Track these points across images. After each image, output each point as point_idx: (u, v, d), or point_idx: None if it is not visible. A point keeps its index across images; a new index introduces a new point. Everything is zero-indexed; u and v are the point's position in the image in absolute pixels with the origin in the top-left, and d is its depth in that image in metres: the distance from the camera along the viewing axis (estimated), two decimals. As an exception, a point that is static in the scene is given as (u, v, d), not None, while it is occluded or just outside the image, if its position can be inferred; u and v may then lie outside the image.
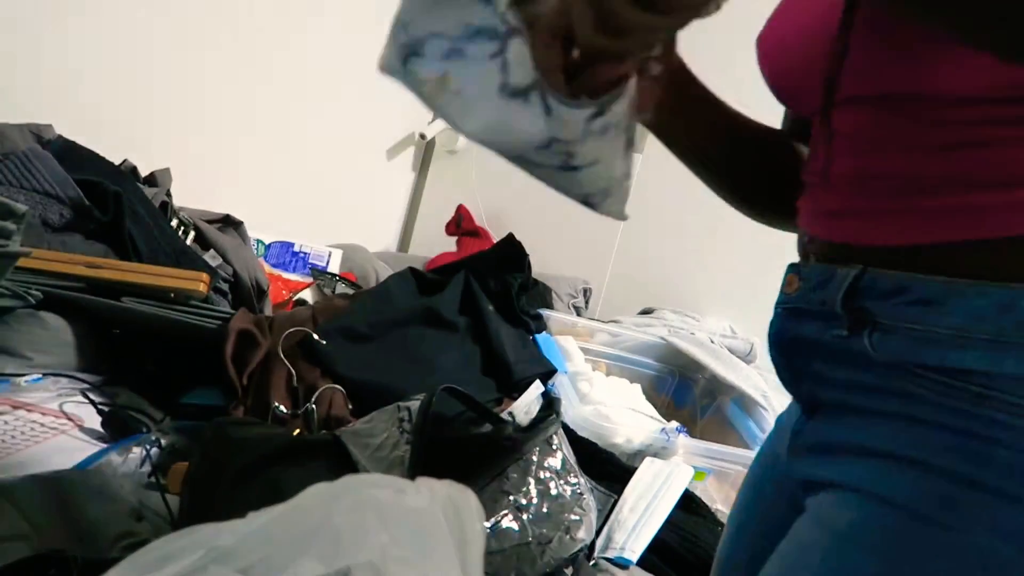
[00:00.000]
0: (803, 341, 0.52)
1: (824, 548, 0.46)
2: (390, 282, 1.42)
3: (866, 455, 0.46)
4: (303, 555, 0.37)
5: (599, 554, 0.89)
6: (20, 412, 0.87)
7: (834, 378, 0.50)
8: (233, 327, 1.03)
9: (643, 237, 2.14)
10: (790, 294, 0.53)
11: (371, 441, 0.87)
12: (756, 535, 0.61)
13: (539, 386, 1.19)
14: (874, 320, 0.46)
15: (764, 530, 0.59)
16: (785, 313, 0.54)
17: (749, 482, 0.66)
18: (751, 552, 0.60)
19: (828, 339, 0.49)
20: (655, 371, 1.62)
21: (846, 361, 0.48)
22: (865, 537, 0.44)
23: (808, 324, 0.51)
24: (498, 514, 0.75)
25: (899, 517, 0.43)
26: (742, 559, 0.62)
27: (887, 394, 0.46)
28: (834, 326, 0.48)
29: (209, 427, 0.85)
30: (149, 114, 1.52)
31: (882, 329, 0.45)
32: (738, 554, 0.63)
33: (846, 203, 0.50)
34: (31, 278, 0.97)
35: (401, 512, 0.40)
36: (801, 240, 0.56)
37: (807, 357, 0.52)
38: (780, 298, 0.55)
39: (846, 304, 0.47)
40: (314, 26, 1.87)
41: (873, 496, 0.45)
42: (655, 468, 1.04)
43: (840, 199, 0.50)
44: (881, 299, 0.45)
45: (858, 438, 0.48)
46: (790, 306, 0.53)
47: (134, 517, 0.71)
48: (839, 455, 0.49)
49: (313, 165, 2.02)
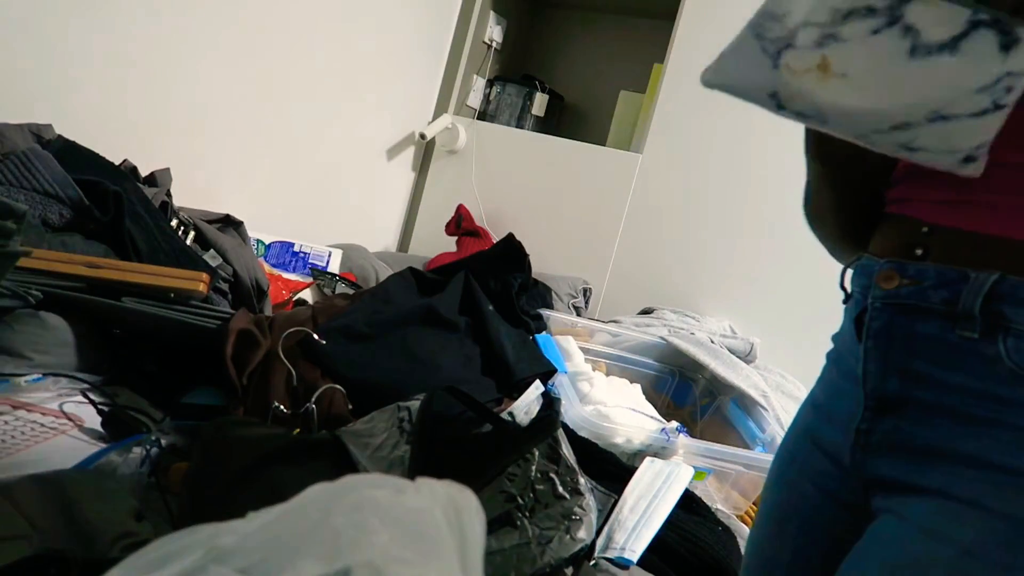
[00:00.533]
0: (915, 338, 0.51)
1: (948, 564, 0.45)
2: (390, 282, 1.42)
3: (981, 467, 0.46)
4: (303, 555, 0.37)
5: (599, 554, 0.89)
6: (20, 412, 0.87)
7: (943, 380, 0.49)
8: (233, 327, 1.03)
9: (643, 237, 2.14)
10: (890, 289, 0.52)
11: (371, 441, 0.87)
12: (796, 534, 0.61)
13: (539, 386, 1.19)
14: (1008, 325, 0.45)
15: (806, 528, 0.60)
16: (890, 308, 0.53)
17: (780, 480, 0.65)
18: (793, 550, 0.61)
19: (952, 339, 0.48)
20: (655, 371, 1.62)
21: (967, 365, 0.48)
22: (993, 554, 0.43)
23: (925, 322, 0.50)
24: (498, 514, 0.75)
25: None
26: (785, 559, 0.62)
27: (1011, 405, 0.45)
28: (963, 327, 0.48)
29: (209, 427, 0.85)
30: (149, 114, 1.52)
31: (1016, 335, 0.45)
32: (782, 554, 0.63)
33: (994, 195, 0.48)
34: (31, 278, 0.97)
35: (401, 512, 0.40)
36: (907, 233, 0.54)
37: (911, 355, 0.51)
38: (877, 292, 0.54)
39: (984, 307, 0.46)
40: (314, 26, 1.87)
41: (996, 513, 0.44)
42: (655, 468, 1.04)
43: (992, 190, 0.48)
44: (1020, 306, 0.45)
45: (968, 447, 0.47)
46: (896, 302, 0.52)
47: (134, 517, 0.71)
48: (938, 461, 0.48)
49: (313, 165, 2.02)
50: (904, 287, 0.51)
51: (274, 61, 1.79)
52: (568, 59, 2.75)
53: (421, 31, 2.27)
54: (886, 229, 0.57)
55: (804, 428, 0.64)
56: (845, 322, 0.60)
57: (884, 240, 0.57)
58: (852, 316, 0.57)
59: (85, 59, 1.36)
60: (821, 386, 0.64)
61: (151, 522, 0.73)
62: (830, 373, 0.63)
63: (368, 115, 2.17)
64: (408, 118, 2.34)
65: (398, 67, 2.22)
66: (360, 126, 2.16)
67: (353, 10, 1.97)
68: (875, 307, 0.53)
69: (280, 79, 1.82)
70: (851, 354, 0.57)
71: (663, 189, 2.11)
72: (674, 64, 2.10)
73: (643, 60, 2.37)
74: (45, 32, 1.28)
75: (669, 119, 2.10)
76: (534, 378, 1.22)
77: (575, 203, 2.23)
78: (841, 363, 0.60)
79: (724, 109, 2.14)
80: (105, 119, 1.42)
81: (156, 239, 1.23)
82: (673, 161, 2.09)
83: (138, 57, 1.46)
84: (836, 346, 0.63)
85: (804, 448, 0.62)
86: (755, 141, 1.97)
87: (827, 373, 0.63)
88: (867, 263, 0.56)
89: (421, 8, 2.24)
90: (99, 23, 1.37)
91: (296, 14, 1.80)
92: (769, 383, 1.57)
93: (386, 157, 2.31)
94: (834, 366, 0.62)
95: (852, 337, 0.57)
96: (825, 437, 0.59)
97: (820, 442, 0.60)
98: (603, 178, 2.19)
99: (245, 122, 1.77)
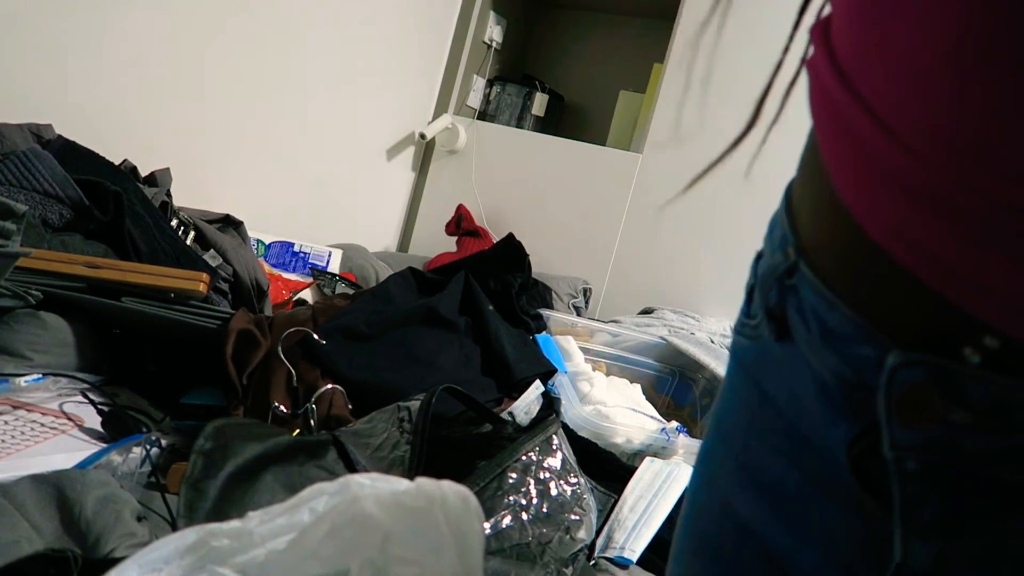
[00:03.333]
0: (1008, 533, 0.29)
1: None
2: (390, 282, 1.42)
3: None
4: (303, 555, 0.37)
5: (599, 554, 0.89)
6: (20, 412, 0.87)
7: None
8: (233, 327, 1.03)
9: (643, 237, 2.14)
10: (932, 432, 0.27)
11: (371, 441, 0.87)
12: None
13: (539, 386, 1.19)
14: None
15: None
16: (945, 473, 0.27)
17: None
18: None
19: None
20: (655, 371, 1.62)
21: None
22: None
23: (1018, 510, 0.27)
24: (498, 514, 0.75)
25: None
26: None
27: None
28: None
29: (209, 427, 0.85)
30: (149, 114, 1.52)
31: None
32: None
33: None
34: (31, 278, 0.97)
35: (401, 512, 0.40)
36: (946, 323, 0.29)
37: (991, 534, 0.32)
38: (903, 436, 0.29)
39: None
40: (314, 26, 1.87)
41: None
42: (655, 468, 1.04)
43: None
44: None
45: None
46: (950, 457, 0.27)
47: (134, 517, 0.71)
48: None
49: (313, 165, 2.02)
50: (962, 432, 0.26)
51: (274, 61, 1.79)
52: (568, 59, 2.75)
53: (421, 31, 2.27)
54: (888, 286, 0.28)
55: (730, 509, 0.39)
56: (793, 379, 0.34)
57: (886, 296, 0.29)
58: (828, 413, 0.32)
59: (85, 59, 1.36)
60: (746, 434, 0.38)
61: (151, 522, 0.73)
62: (764, 428, 0.37)
63: (368, 115, 2.17)
64: (408, 118, 2.34)
65: (398, 67, 2.22)
66: (360, 126, 2.16)
67: (353, 10, 1.97)
68: (907, 469, 0.28)
69: (280, 79, 1.82)
70: (830, 465, 0.32)
71: (663, 189, 2.11)
72: (674, 64, 2.10)
73: (643, 60, 2.37)
74: (45, 32, 1.28)
75: (669, 119, 2.10)
76: (534, 378, 1.22)
77: (575, 203, 2.23)
78: (807, 454, 0.34)
79: (724, 109, 2.14)
80: (105, 119, 1.42)
81: (156, 239, 1.23)
82: (673, 161, 2.09)
83: (138, 57, 1.46)
84: (776, 394, 0.36)
85: (741, 550, 0.38)
86: (755, 141, 1.96)
87: (755, 422, 0.38)
88: (844, 331, 0.30)
89: (421, 8, 2.24)
90: (99, 23, 1.37)
91: (296, 14, 1.80)
92: (769, 383, 1.57)
93: (386, 157, 2.31)
94: (777, 422, 0.36)
95: (833, 441, 0.32)
96: (786, 559, 0.35)
97: (775, 558, 0.36)
98: (603, 178, 2.19)
99: (245, 122, 1.77)
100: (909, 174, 0.26)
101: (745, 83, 1.51)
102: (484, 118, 2.51)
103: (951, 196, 0.25)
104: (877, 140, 0.27)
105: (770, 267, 0.35)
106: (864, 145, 0.28)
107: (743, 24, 1.94)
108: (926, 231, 0.26)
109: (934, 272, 0.26)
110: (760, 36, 2.04)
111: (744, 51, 2.07)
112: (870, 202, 0.29)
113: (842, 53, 0.30)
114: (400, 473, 0.81)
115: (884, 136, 0.27)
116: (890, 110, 0.27)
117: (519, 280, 1.54)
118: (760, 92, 0.46)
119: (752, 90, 0.46)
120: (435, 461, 0.82)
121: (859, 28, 0.29)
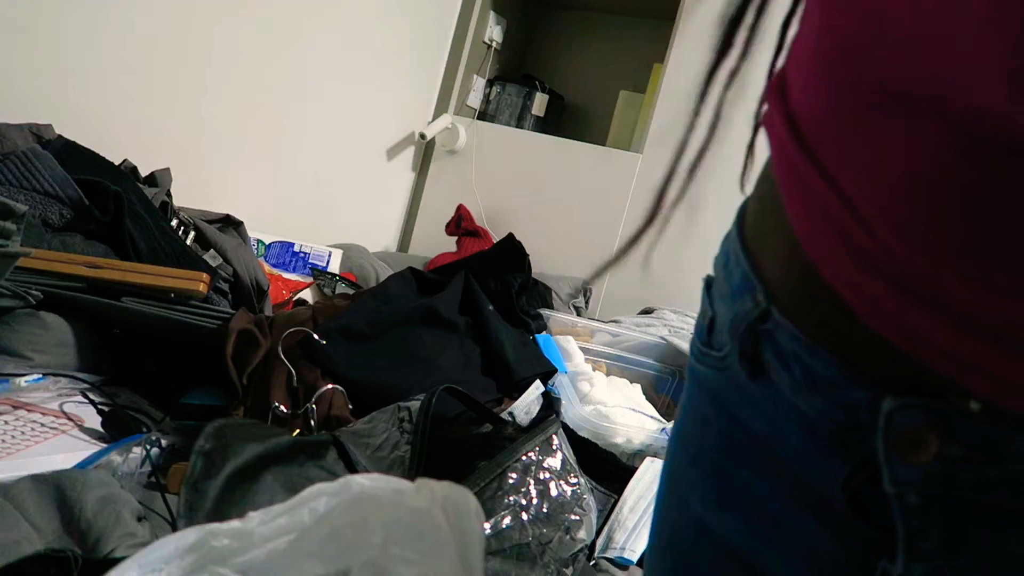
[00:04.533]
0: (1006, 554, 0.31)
1: None
2: (390, 282, 1.42)
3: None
4: (304, 555, 0.37)
5: (599, 554, 0.89)
6: (20, 412, 0.87)
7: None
8: (233, 327, 1.03)
9: (643, 237, 2.14)
10: (929, 465, 0.25)
11: (371, 441, 0.87)
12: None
13: (539, 386, 1.19)
14: None
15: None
16: (947, 505, 0.30)
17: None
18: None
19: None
20: (655, 371, 1.62)
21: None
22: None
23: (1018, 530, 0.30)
24: (498, 514, 0.75)
25: None
26: None
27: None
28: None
29: (209, 427, 0.85)
30: (149, 114, 1.52)
31: None
32: None
33: None
34: (31, 278, 0.97)
35: (401, 512, 0.40)
36: (932, 381, 0.29)
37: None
38: (903, 472, 0.29)
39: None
40: (314, 26, 1.87)
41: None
42: (655, 468, 1.04)
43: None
44: None
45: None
46: (950, 492, 0.29)
47: (134, 517, 0.71)
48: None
49: (313, 165, 2.02)
50: (958, 465, 0.28)
51: (274, 61, 1.79)
52: (568, 59, 2.75)
53: (421, 31, 2.27)
54: (870, 342, 0.29)
55: (705, 527, 0.39)
56: (774, 415, 0.34)
57: (868, 344, 0.29)
58: (816, 452, 0.32)
59: (85, 59, 1.36)
60: (721, 459, 0.38)
61: (151, 522, 0.73)
62: (742, 454, 0.37)
63: (368, 115, 2.18)
64: (408, 118, 2.34)
65: (398, 67, 2.22)
66: (360, 126, 2.16)
67: (353, 10, 1.97)
68: (909, 503, 0.29)
69: (280, 79, 1.82)
70: (818, 494, 0.33)
71: (663, 189, 2.11)
72: (674, 64, 2.10)
73: (643, 60, 2.37)
74: (45, 32, 1.28)
75: (669, 119, 2.10)
76: (534, 378, 1.22)
77: (575, 203, 2.23)
78: (790, 482, 0.34)
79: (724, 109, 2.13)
80: (105, 119, 1.42)
81: (156, 239, 1.23)
82: (673, 161, 2.08)
83: (138, 57, 1.46)
84: (753, 426, 0.36)
85: (720, 565, 0.38)
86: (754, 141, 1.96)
87: (730, 448, 0.37)
88: (829, 376, 0.30)
89: (421, 8, 2.24)
90: (99, 23, 1.37)
91: (296, 14, 1.80)
92: (769, 383, 1.57)
93: (386, 157, 2.31)
94: (756, 450, 0.36)
95: (820, 478, 0.32)
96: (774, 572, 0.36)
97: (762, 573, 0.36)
98: (603, 178, 2.19)
99: (245, 122, 1.77)
100: (868, 251, 0.27)
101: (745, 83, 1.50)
102: (484, 118, 2.51)
103: (904, 279, 0.26)
104: (839, 211, 0.28)
105: (739, 312, 0.35)
106: (827, 212, 0.29)
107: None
108: (891, 303, 0.27)
109: (910, 343, 0.27)
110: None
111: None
112: (831, 260, 0.29)
113: (802, 116, 0.31)
114: (400, 473, 0.82)
115: (845, 209, 0.28)
116: (852, 189, 0.28)
117: (519, 280, 1.54)
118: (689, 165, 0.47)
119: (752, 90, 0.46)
120: (435, 461, 0.82)
121: (820, 111, 0.30)
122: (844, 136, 0.28)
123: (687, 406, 0.42)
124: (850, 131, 0.28)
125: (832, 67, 0.29)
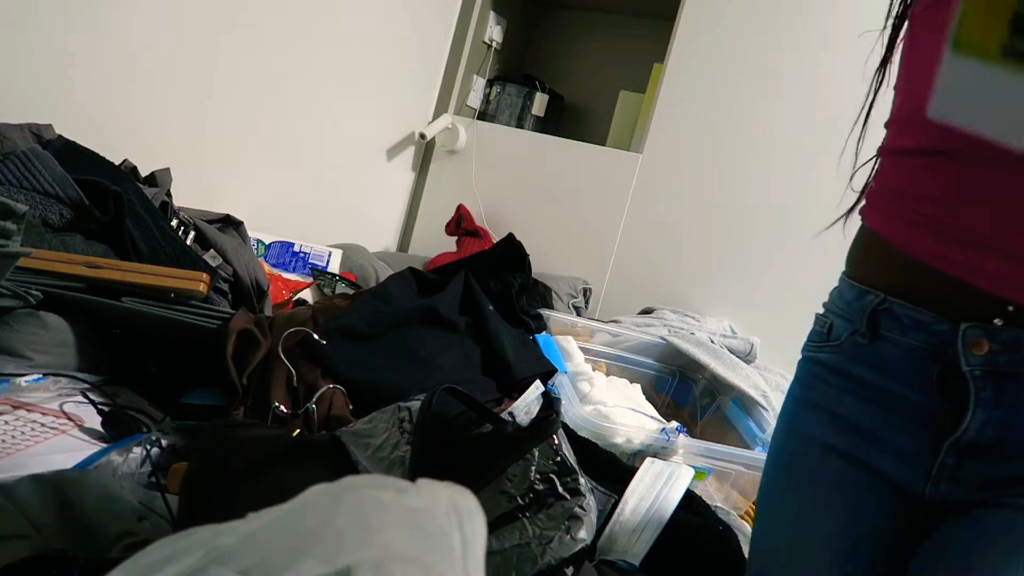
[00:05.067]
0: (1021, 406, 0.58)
1: None
2: (390, 282, 1.42)
3: None
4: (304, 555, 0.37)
5: (600, 556, 0.89)
6: (20, 412, 0.87)
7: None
8: (233, 327, 1.03)
9: (643, 237, 2.14)
10: (984, 355, 0.57)
11: (371, 441, 0.87)
12: (850, 538, 0.65)
13: (539, 386, 1.19)
14: None
15: (861, 533, 0.64)
16: (993, 376, 0.58)
17: (837, 481, 0.67)
18: (848, 551, 0.64)
19: None
20: (655, 371, 1.62)
21: None
22: None
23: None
24: (498, 514, 0.75)
25: None
26: (837, 561, 0.64)
27: None
28: None
29: (209, 427, 0.85)
30: (149, 114, 1.52)
31: None
32: (844, 560, 0.65)
33: None
34: (31, 278, 0.97)
35: (402, 512, 0.40)
36: (986, 307, 0.58)
37: (1016, 415, 0.58)
38: (973, 359, 0.58)
39: None
40: (314, 26, 1.87)
41: None
42: (656, 469, 1.04)
43: None
44: None
45: None
46: (995, 369, 0.57)
47: (135, 517, 0.71)
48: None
49: (313, 165, 2.02)
50: (999, 355, 0.56)
51: (274, 61, 1.79)
52: (568, 59, 2.75)
53: (421, 31, 2.27)
54: (946, 290, 0.58)
55: (827, 444, 0.66)
56: (885, 358, 0.63)
57: (945, 301, 0.59)
58: (916, 366, 0.60)
59: (85, 59, 1.36)
60: (839, 400, 0.66)
61: (151, 522, 0.73)
62: (855, 395, 0.65)
63: (368, 115, 2.17)
64: (408, 118, 2.34)
65: (398, 67, 2.22)
66: (360, 126, 2.16)
67: (353, 10, 1.97)
68: (976, 375, 0.57)
69: (280, 79, 1.82)
70: (911, 398, 0.61)
71: (663, 189, 2.11)
72: (674, 64, 2.10)
73: (643, 60, 2.37)
74: (45, 32, 1.28)
75: (669, 119, 2.10)
76: (534, 378, 1.22)
77: (575, 203, 2.23)
78: (889, 401, 0.63)
79: (724, 109, 2.14)
80: (105, 119, 1.42)
81: (156, 239, 1.23)
82: (673, 161, 2.09)
83: (138, 57, 1.46)
84: (864, 375, 0.65)
85: (836, 466, 0.66)
86: (755, 141, 1.97)
87: (846, 392, 0.66)
88: (927, 320, 0.59)
89: (421, 8, 2.24)
90: (99, 23, 1.37)
91: (296, 14, 1.80)
92: (769, 383, 1.57)
93: (386, 157, 2.31)
94: (864, 391, 0.64)
95: (916, 383, 0.61)
96: (877, 465, 0.63)
97: (870, 466, 0.64)
98: (603, 178, 2.19)
99: (245, 122, 1.77)
100: (953, 235, 0.58)
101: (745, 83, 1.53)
102: (484, 118, 2.51)
103: (973, 241, 0.57)
104: (923, 218, 0.61)
105: (860, 306, 0.65)
106: (916, 222, 0.61)
107: (742, 23, 1.94)
108: (962, 257, 0.58)
109: (976, 277, 0.57)
110: (760, 35, 2.04)
111: (743, 51, 2.07)
112: (922, 248, 0.61)
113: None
114: (400, 473, 0.81)
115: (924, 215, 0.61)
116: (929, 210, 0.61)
117: (519, 280, 1.54)
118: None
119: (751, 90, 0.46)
120: (435, 461, 0.82)
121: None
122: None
123: (804, 380, 0.71)
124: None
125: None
